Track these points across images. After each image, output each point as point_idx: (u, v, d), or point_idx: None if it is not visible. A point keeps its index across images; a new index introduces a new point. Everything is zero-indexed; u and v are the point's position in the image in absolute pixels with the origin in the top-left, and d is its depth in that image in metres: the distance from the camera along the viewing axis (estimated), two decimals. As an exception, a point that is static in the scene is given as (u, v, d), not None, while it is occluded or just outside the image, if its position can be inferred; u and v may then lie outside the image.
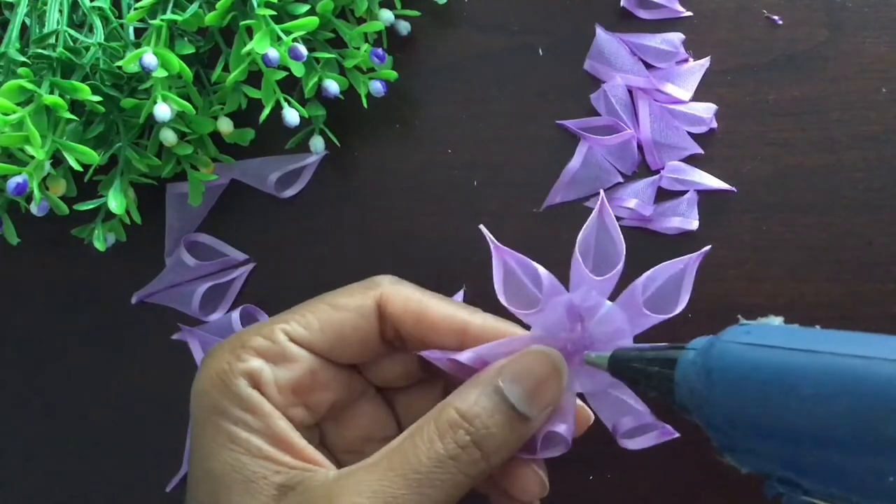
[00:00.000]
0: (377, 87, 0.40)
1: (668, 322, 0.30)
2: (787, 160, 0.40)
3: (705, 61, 0.41)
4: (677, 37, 0.41)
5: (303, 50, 0.36)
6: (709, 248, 0.31)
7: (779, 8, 0.41)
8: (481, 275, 0.40)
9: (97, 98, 0.35)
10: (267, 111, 0.37)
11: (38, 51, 0.35)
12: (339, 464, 0.30)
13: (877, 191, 0.39)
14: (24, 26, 0.37)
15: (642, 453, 0.33)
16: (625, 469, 0.39)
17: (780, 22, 0.41)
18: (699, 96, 0.41)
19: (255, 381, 0.30)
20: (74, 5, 0.38)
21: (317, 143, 0.41)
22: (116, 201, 0.38)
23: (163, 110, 0.35)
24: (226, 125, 0.39)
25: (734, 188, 0.40)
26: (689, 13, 0.42)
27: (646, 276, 0.30)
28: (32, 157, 0.34)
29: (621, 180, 0.41)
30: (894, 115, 0.40)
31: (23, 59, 0.35)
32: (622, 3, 0.42)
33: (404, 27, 0.42)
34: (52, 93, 0.34)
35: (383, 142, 0.42)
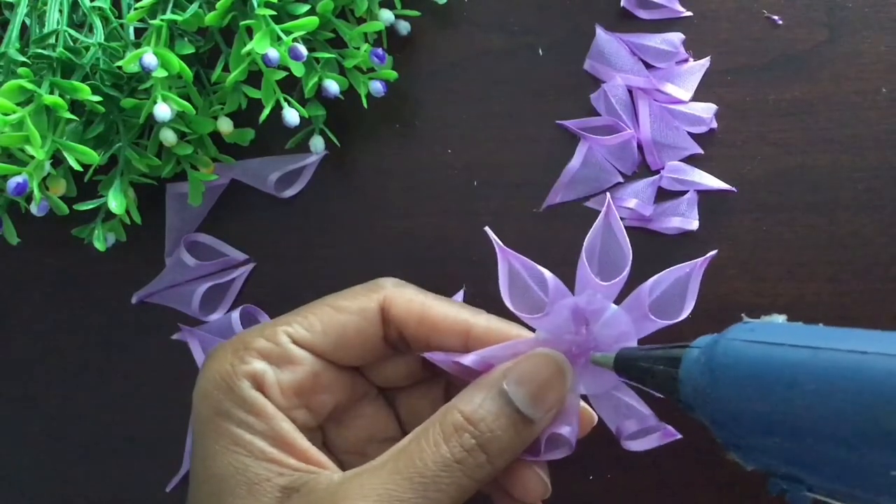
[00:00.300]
0: (377, 87, 0.40)
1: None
2: (787, 160, 0.40)
3: (705, 61, 0.41)
4: (677, 37, 0.41)
5: (303, 50, 0.36)
6: (714, 252, 0.31)
7: (779, 8, 0.41)
8: (481, 275, 0.40)
9: (97, 98, 0.35)
10: (267, 111, 0.37)
11: (38, 51, 0.35)
12: (341, 465, 0.30)
13: (877, 191, 0.39)
14: (24, 26, 0.37)
15: (642, 454, 0.33)
16: (625, 469, 0.39)
17: (780, 22, 0.41)
18: (699, 96, 0.41)
19: (258, 383, 0.30)
20: (74, 5, 0.38)
21: (317, 143, 0.41)
22: (116, 201, 0.38)
23: (163, 110, 0.35)
24: (226, 125, 0.39)
25: (734, 188, 0.40)
26: (689, 13, 0.42)
27: (652, 281, 0.30)
28: (32, 157, 0.34)
29: (621, 180, 0.41)
30: (894, 115, 0.40)
31: (23, 59, 0.35)
32: (622, 3, 0.42)
33: (404, 27, 0.42)
34: (52, 93, 0.34)
35: (383, 142, 0.42)
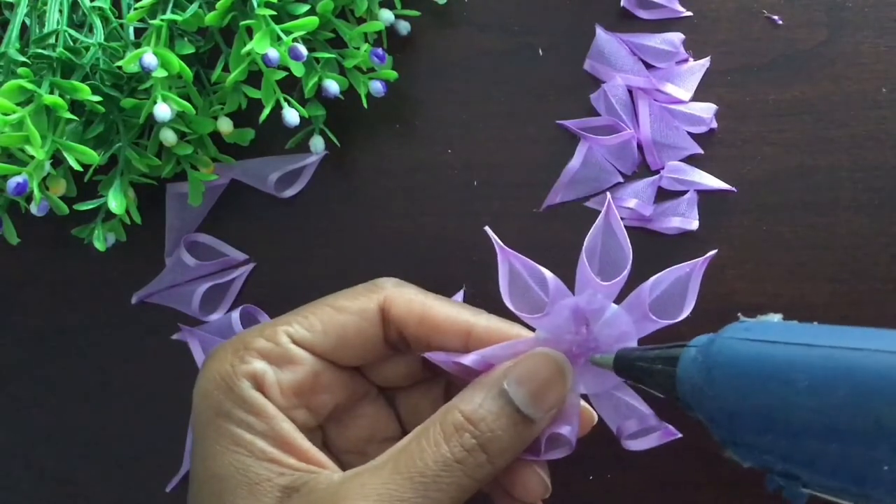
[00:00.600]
0: (377, 87, 0.40)
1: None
2: (787, 160, 0.40)
3: (705, 61, 0.41)
4: (677, 37, 0.41)
5: (303, 50, 0.36)
6: (714, 252, 0.31)
7: (779, 8, 0.41)
8: (481, 275, 0.40)
9: (97, 98, 0.35)
10: (267, 111, 0.37)
11: (38, 51, 0.35)
12: (341, 465, 0.30)
13: (877, 191, 0.39)
14: (24, 26, 0.37)
15: (642, 454, 0.33)
16: (625, 469, 0.39)
17: (780, 22, 0.41)
18: (699, 96, 0.41)
19: (259, 383, 0.30)
20: (74, 5, 0.38)
21: (317, 143, 0.41)
22: (116, 201, 0.38)
23: (163, 110, 0.35)
24: (226, 125, 0.39)
25: (734, 188, 0.40)
26: (689, 13, 0.42)
27: (652, 281, 0.30)
28: (32, 157, 0.34)
29: (621, 180, 0.41)
30: (894, 115, 0.40)
31: (23, 59, 0.35)
32: (622, 3, 0.42)
33: (404, 27, 0.42)
34: (52, 93, 0.34)
35: (383, 142, 0.42)
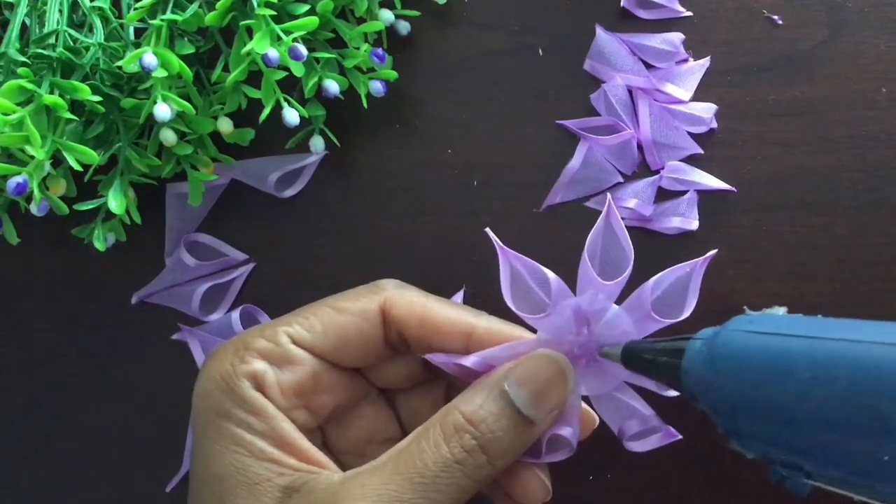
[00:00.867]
0: (377, 87, 0.40)
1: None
2: (787, 160, 0.40)
3: (705, 61, 0.41)
4: (677, 37, 0.41)
5: (303, 50, 0.36)
6: (714, 252, 0.31)
7: (779, 8, 0.41)
8: (481, 275, 0.40)
9: (97, 98, 0.35)
10: (267, 111, 0.37)
11: (38, 51, 0.35)
12: (341, 466, 0.30)
13: (877, 191, 0.39)
14: (24, 26, 0.37)
15: (642, 454, 0.33)
16: (625, 469, 0.39)
17: (780, 22, 0.41)
18: (699, 96, 0.41)
19: (259, 383, 0.30)
20: (74, 5, 0.38)
21: (317, 143, 0.41)
22: (116, 201, 0.38)
23: (163, 110, 0.35)
24: (226, 125, 0.39)
25: (734, 188, 0.40)
26: (689, 13, 0.42)
27: (654, 281, 0.30)
28: (32, 157, 0.34)
29: (621, 180, 0.41)
30: (894, 115, 0.40)
31: (23, 59, 0.35)
32: (622, 3, 0.42)
33: (404, 27, 0.42)
34: (52, 93, 0.34)
35: (383, 142, 0.42)
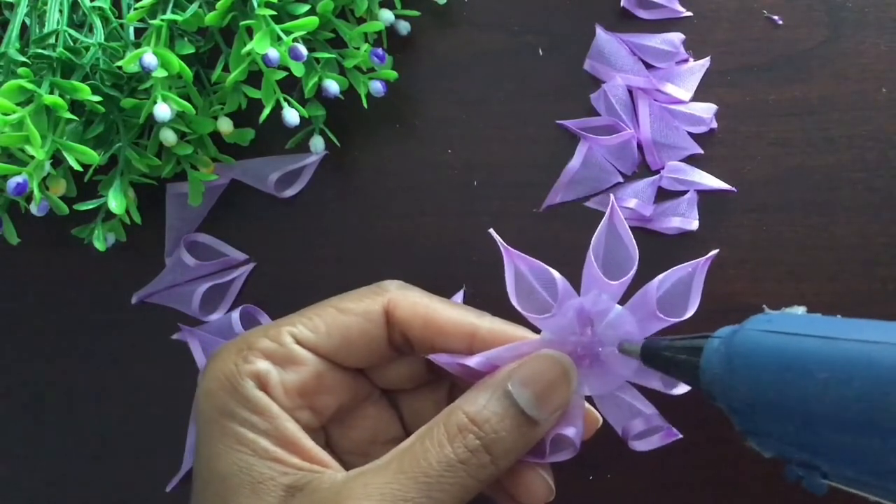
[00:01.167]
0: (377, 87, 0.40)
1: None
2: (787, 160, 0.40)
3: (705, 61, 0.41)
4: (677, 37, 0.41)
5: (303, 50, 0.36)
6: (716, 251, 0.31)
7: (779, 8, 0.41)
8: (481, 275, 0.40)
9: (97, 98, 0.35)
10: (267, 111, 0.37)
11: (38, 51, 0.35)
12: (344, 466, 0.30)
13: (877, 191, 0.39)
14: (24, 26, 0.37)
15: (642, 454, 0.33)
16: (625, 469, 0.39)
17: (780, 22, 0.41)
18: (699, 96, 0.41)
19: (262, 382, 0.30)
20: (74, 5, 0.38)
21: (317, 143, 0.41)
22: (116, 201, 0.38)
23: (163, 110, 0.35)
24: (226, 125, 0.39)
25: (734, 188, 0.40)
26: (689, 13, 0.42)
27: (658, 281, 0.30)
28: (32, 157, 0.34)
29: (621, 180, 0.41)
30: (894, 115, 0.40)
31: (23, 59, 0.35)
32: (622, 3, 0.42)
33: (404, 27, 0.42)
34: (52, 93, 0.34)
35: (383, 142, 0.42)
